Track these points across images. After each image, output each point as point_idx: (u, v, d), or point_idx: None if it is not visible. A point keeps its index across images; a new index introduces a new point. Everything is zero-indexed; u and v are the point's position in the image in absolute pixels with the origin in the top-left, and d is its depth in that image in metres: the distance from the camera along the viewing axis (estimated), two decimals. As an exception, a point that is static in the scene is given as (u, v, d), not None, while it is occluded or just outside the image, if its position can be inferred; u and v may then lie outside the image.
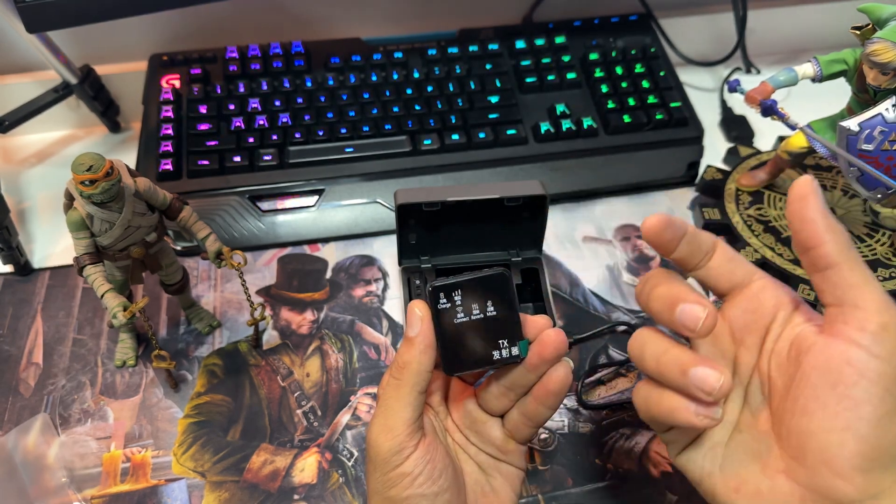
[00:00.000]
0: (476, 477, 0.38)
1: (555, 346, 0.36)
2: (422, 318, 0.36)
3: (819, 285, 0.31)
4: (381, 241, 0.61)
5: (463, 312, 0.36)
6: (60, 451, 0.48)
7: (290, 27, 0.74)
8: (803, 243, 0.32)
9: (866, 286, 0.30)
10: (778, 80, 0.54)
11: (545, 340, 0.36)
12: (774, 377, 0.32)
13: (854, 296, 0.30)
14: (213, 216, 0.59)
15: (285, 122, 0.63)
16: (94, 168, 0.41)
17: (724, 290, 0.35)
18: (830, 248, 0.31)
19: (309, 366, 0.53)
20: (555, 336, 0.36)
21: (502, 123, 0.65)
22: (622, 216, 0.64)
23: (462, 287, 0.36)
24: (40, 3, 0.53)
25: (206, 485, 0.46)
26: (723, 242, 0.35)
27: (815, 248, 0.31)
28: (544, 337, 0.36)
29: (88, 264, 0.45)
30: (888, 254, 0.58)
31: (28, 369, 0.52)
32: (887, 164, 0.51)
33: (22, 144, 0.71)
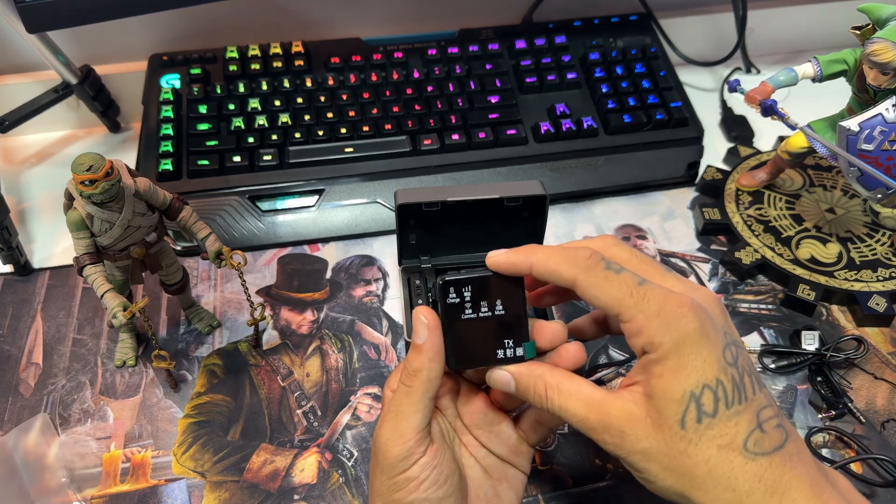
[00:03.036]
0: (481, 482, 0.38)
1: (573, 360, 0.36)
2: (428, 326, 0.36)
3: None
4: (381, 241, 0.61)
5: (471, 309, 0.36)
6: (60, 451, 0.48)
7: (290, 27, 0.74)
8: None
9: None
10: (778, 80, 0.54)
11: (564, 354, 0.36)
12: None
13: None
14: (213, 216, 0.59)
15: (285, 122, 0.63)
16: (94, 168, 0.41)
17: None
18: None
19: (309, 366, 0.53)
20: (574, 350, 0.36)
21: (502, 123, 0.65)
22: (622, 216, 0.64)
23: (473, 283, 0.36)
24: (40, 3, 0.53)
25: (206, 485, 0.46)
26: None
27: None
28: (563, 350, 0.37)
29: (88, 264, 0.45)
30: (888, 254, 0.58)
31: (28, 369, 0.52)
32: (887, 163, 0.51)
33: (22, 144, 0.71)
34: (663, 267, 0.35)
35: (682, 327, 0.30)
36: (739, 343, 0.32)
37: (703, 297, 0.33)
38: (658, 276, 0.34)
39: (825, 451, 0.48)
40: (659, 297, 0.31)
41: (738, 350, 0.32)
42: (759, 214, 0.61)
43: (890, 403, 0.51)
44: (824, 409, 0.50)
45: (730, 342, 0.31)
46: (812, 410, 0.50)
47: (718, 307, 0.33)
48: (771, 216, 0.61)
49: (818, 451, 0.48)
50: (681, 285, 0.33)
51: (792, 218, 0.61)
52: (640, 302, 0.31)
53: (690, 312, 0.30)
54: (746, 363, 0.32)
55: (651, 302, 0.31)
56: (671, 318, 0.30)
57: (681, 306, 0.31)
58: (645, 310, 0.31)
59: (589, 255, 0.33)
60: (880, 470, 0.47)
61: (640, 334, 0.31)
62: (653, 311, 0.31)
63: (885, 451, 0.47)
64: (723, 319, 0.33)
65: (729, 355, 0.31)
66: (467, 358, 0.37)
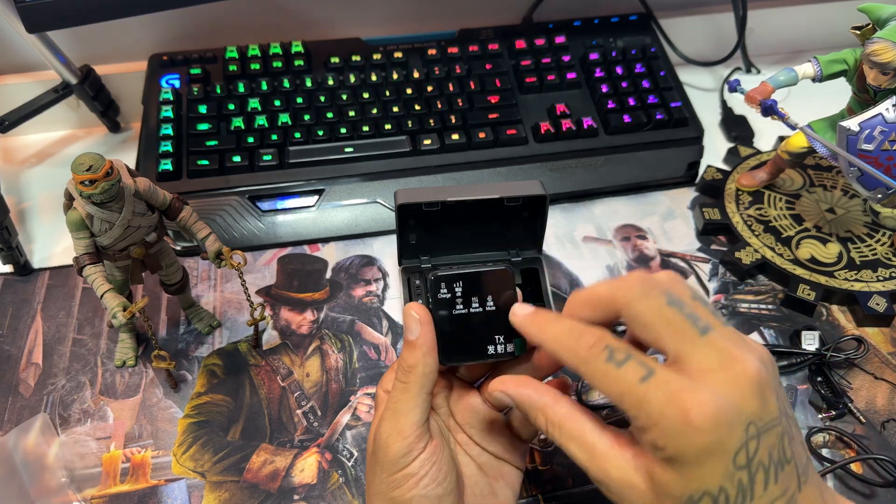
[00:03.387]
0: (476, 479, 0.38)
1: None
2: (420, 321, 0.36)
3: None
4: (381, 241, 0.61)
5: (462, 304, 0.36)
6: (60, 451, 0.48)
7: (290, 27, 0.74)
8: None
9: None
10: (778, 80, 0.54)
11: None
12: None
13: None
14: (213, 216, 0.59)
15: (285, 122, 0.63)
16: (94, 168, 0.41)
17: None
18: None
19: (309, 366, 0.53)
20: None
21: (502, 123, 0.65)
22: (622, 216, 0.63)
23: (464, 279, 0.36)
24: (40, 3, 0.53)
25: (205, 485, 0.46)
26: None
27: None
28: None
29: (88, 264, 0.45)
30: (888, 254, 0.58)
31: (28, 369, 0.52)
32: (887, 163, 0.51)
33: (22, 144, 0.71)
34: (717, 317, 0.31)
35: (685, 439, 0.27)
36: (771, 424, 0.28)
37: (734, 378, 0.28)
38: (703, 332, 0.30)
39: (825, 451, 0.48)
40: (661, 399, 0.28)
41: (761, 441, 0.28)
42: (759, 214, 0.61)
43: (890, 403, 0.51)
44: (824, 409, 0.50)
45: (751, 436, 0.27)
46: (812, 410, 0.50)
47: (753, 388, 0.28)
48: (771, 216, 0.61)
49: (818, 451, 0.48)
50: (716, 354, 0.29)
51: (792, 218, 0.61)
52: (641, 402, 0.28)
53: (697, 421, 0.27)
54: (766, 454, 0.28)
55: (653, 403, 0.28)
56: (673, 426, 0.27)
57: (685, 412, 0.27)
58: (647, 411, 0.28)
59: (592, 343, 0.30)
60: (880, 470, 0.47)
61: (644, 433, 0.29)
62: (654, 414, 0.28)
63: (885, 451, 0.47)
64: (755, 403, 0.28)
65: (742, 458, 0.27)
66: (458, 353, 0.37)
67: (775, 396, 0.29)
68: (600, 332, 0.31)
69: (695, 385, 0.28)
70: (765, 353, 0.30)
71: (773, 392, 0.29)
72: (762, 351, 0.30)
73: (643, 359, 0.30)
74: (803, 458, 0.30)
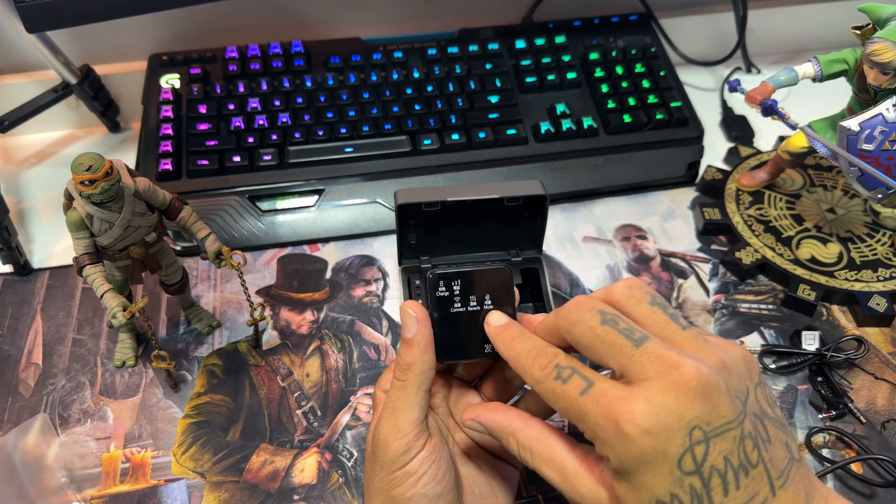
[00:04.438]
0: (475, 478, 0.38)
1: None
2: (417, 319, 0.36)
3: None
4: (381, 241, 0.61)
5: (460, 303, 0.37)
6: (60, 452, 0.48)
7: (289, 27, 0.74)
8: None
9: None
10: (778, 80, 0.54)
11: (532, 323, 0.37)
12: None
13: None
14: (213, 216, 0.59)
15: (285, 121, 0.63)
16: (94, 168, 0.41)
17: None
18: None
19: (309, 366, 0.53)
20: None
21: (502, 123, 0.65)
22: (622, 216, 0.63)
23: (462, 278, 0.36)
24: (40, 3, 0.53)
25: (205, 485, 0.46)
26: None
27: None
28: (532, 320, 0.37)
29: (88, 264, 0.44)
30: (888, 254, 0.58)
31: (28, 369, 0.52)
32: (888, 163, 0.51)
33: (22, 144, 0.71)
34: (674, 322, 0.31)
35: (622, 448, 0.28)
36: (721, 429, 0.27)
37: (676, 383, 0.28)
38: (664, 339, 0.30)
39: (825, 451, 0.48)
40: (597, 411, 0.29)
41: (710, 445, 0.27)
42: (759, 214, 0.61)
43: (890, 403, 0.51)
44: (825, 410, 0.50)
45: (696, 441, 0.27)
46: (812, 410, 0.50)
47: (693, 388, 0.28)
48: (771, 216, 0.61)
49: (818, 451, 0.48)
50: (652, 362, 0.29)
51: (792, 218, 0.61)
52: (581, 415, 0.29)
53: (626, 428, 0.27)
54: (724, 458, 0.27)
55: (590, 415, 0.29)
56: (609, 436, 0.28)
57: (616, 422, 0.28)
58: (587, 424, 0.29)
59: (545, 364, 0.31)
60: (881, 470, 0.47)
61: (594, 446, 0.30)
62: (592, 425, 0.29)
63: (885, 452, 0.47)
64: (697, 406, 0.27)
65: (689, 463, 0.27)
66: (455, 351, 0.37)
67: (730, 399, 0.28)
68: (553, 351, 0.32)
69: (630, 394, 0.28)
70: (729, 355, 0.30)
71: (727, 395, 0.28)
72: (730, 352, 0.30)
73: (587, 373, 0.30)
74: (782, 461, 0.29)
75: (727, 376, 0.29)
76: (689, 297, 0.57)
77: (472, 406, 0.36)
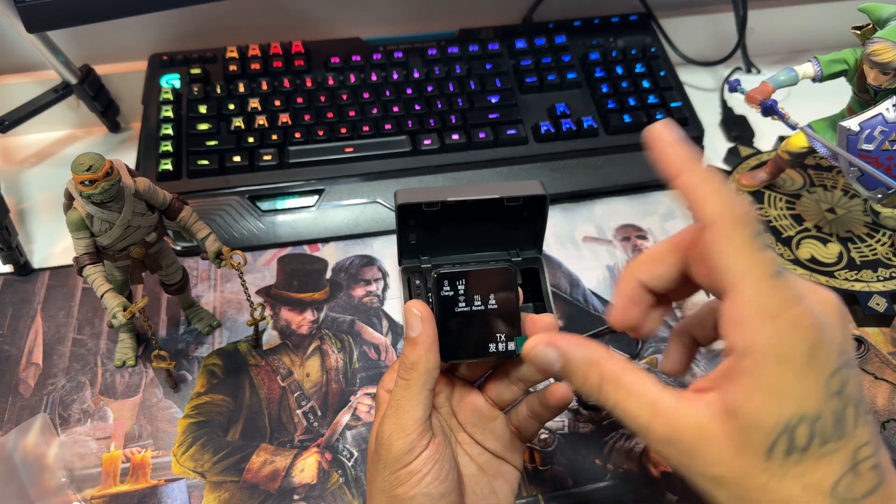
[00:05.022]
0: (476, 478, 0.38)
1: (544, 328, 0.37)
2: (422, 318, 0.36)
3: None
4: (381, 241, 0.61)
5: (465, 302, 0.37)
6: (60, 452, 0.48)
7: (290, 27, 0.74)
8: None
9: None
10: (778, 80, 0.54)
11: (537, 322, 0.37)
12: None
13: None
14: (213, 216, 0.59)
15: (285, 122, 0.63)
16: (94, 168, 0.41)
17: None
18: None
19: (309, 366, 0.53)
20: (547, 319, 0.37)
21: (502, 123, 0.65)
22: (622, 216, 0.63)
23: (467, 277, 0.36)
24: (40, 3, 0.53)
25: (205, 485, 0.46)
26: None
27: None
28: (536, 319, 0.37)
29: (88, 264, 0.45)
30: (888, 254, 0.58)
31: (28, 369, 0.52)
32: (887, 163, 0.51)
33: (22, 144, 0.71)
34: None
35: (795, 342, 0.25)
36: (852, 362, 0.27)
37: (822, 302, 0.28)
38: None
39: (825, 451, 0.48)
40: (784, 299, 0.26)
41: (849, 374, 0.26)
42: (759, 214, 0.61)
43: (890, 403, 0.51)
44: (825, 410, 0.50)
45: (841, 365, 0.26)
46: (812, 410, 0.50)
47: (838, 318, 0.28)
48: (771, 216, 0.61)
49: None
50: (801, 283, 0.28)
51: (792, 218, 0.61)
52: (763, 293, 0.26)
53: (812, 328, 0.25)
54: (855, 390, 0.26)
55: (775, 299, 0.26)
56: (787, 327, 0.25)
57: (804, 318, 0.25)
58: (763, 304, 0.26)
59: (746, 210, 0.27)
60: (881, 470, 0.47)
61: (740, 329, 0.26)
62: (770, 309, 0.25)
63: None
64: (840, 335, 0.27)
65: (836, 383, 0.26)
66: (460, 351, 0.37)
67: (851, 338, 0.28)
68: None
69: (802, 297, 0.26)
70: (829, 299, 0.29)
71: (847, 336, 0.28)
72: (825, 294, 0.30)
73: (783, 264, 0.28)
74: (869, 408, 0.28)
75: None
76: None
77: (541, 334, 0.33)
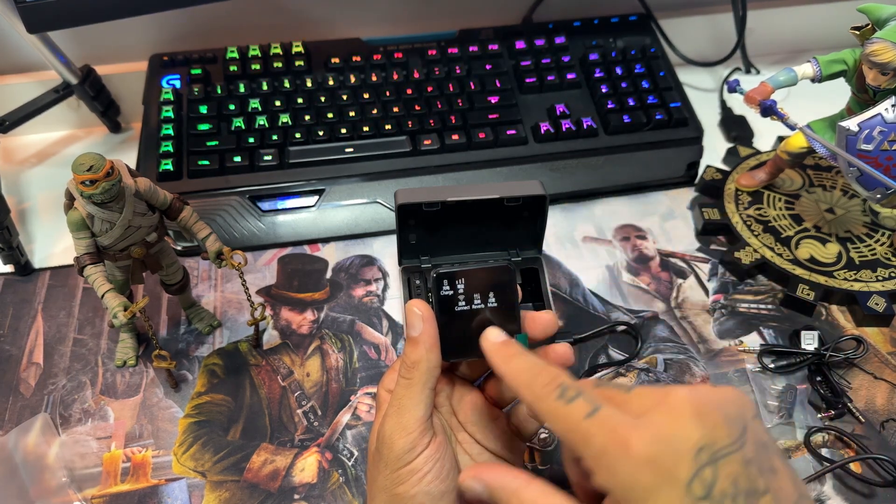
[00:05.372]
0: None
1: (561, 361, 0.37)
2: (423, 317, 0.36)
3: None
4: (381, 241, 0.61)
5: (464, 301, 0.37)
6: (61, 451, 0.48)
7: (290, 27, 0.74)
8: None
9: None
10: (777, 81, 0.54)
11: (552, 355, 0.37)
12: None
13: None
14: (214, 216, 0.60)
15: (285, 122, 0.64)
16: (95, 168, 0.41)
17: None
18: None
19: (309, 365, 0.53)
20: (562, 351, 0.37)
21: (502, 124, 0.65)
22: (622, 216, 0.64)
23: (466, 276, 0.36)
24: (41, 4, 0.54)
25: (206, 484, 0.46)
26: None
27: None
28: (550, 351, 0.37)
29: (89, 264, 0.45)
30: (888, 254, 0.58)
31: (28, 369, 0.52)
32: (886, 164, 0.51)
33: (22, 144, 0.71)
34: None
35: (629, 473, 0.27)
36: (723, 452, 0.27)
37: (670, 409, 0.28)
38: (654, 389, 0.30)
39: (825, 450, 0.48)
40: (604, 434, 0.28)
41: (719, 468, 0.26)
42: (758, 214, 0.61)
43: (889, 403, 0.51)
44: (824, 409, 0.50)
45: (704, 464, 0.26)
46: (812, 410, 0.50)
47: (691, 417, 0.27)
48: (770, 216, 0.61)
49: (818, 451, 0.48)
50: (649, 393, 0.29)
51: (791, 218, 0.61)
52: (585, 439, 0.28)
53: (637, 449, 0.27)
54: (734, 482, 0.26)
55: (595, 439, 0.28)
56: (617, 461, 0.27)
57: (625, 444, 0.27)
58: (591, 449, 0.28)
59: (547, 381, 0.31)
60: (880, 470, 0.47)
61: (593, 475, 0.28)
62: (596, 451, 0.27)
63: (884, 451, 0.47)
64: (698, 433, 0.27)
65: (699, 488, 0.26)
66: (460, 350, 0.37)
67: (727, 421, 0.28)
68: (557, 371, 0.31)
69: (637, 422, 0.28)
70: (720, 389, 0.30)
71: (724, 417, 0.28)
72: (722, 389, 0.30)
73: (594, 397, 0.29)
74: (791, 495, 0.28)
75: (720, 401, 0.29)
76: (689, 297, 0.57)
77: (473, 465, 0.35)
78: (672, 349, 0.54)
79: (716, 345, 0.54)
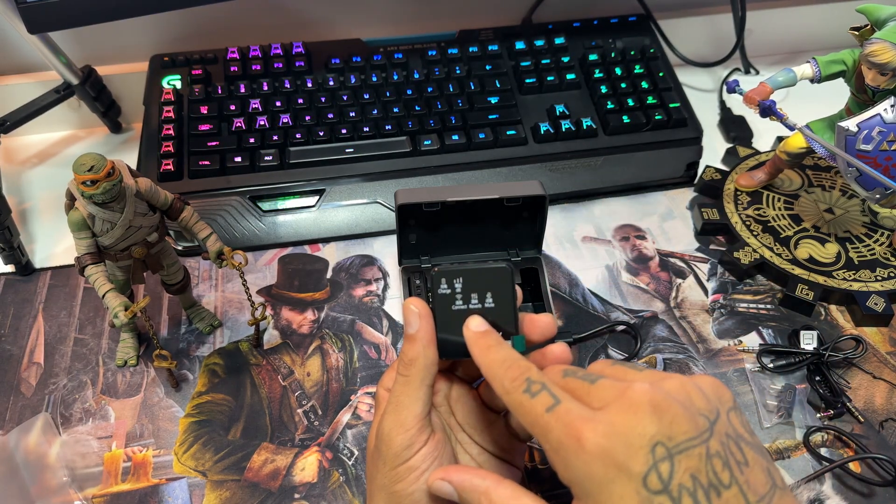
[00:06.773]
0: None
1: (558, 361, 0.37)
2: (420, 315, 0.37)
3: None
4: (381, 241, 0.61)
5: (462, 300, 0.37)
6: (62, 451, 0.48)
7: (290, 28, 0.74)
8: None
9: None
10: (776, 81, 0.54)
11: (549, 356, 0.37)
12: None
13: None
14: (215, 216, 0.60)
15: (286, 122, 0.64)
16: (96, 168, 0.41)
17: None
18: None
19: (309, 365, 0.53)
20: (559, 351, 0.37)
21: (502, 124, 0.65)
22: (621, 216, 0.64)
23: (464, 276, 0.37)
24: (42, 4, 0.54)
25: (207, 484, 0.47)
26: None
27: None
28: (548, 352, 0.37)
29: (90, 264, 0.45)
30: (886, 254, 0.58)
31: (29, 369, 0.52)
32: (885, 164, 0.51)
33: (23, 145, 0.71)
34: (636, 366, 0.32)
35: (584, 467, 0.27)
36: (684, 445, 0.27)
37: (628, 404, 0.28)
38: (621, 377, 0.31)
39: (824, 450, 0.48)
40: (560, 428, 0.28)
41: (675, 462, 0.27)
42: (757, 214, 0.62)
43: (888, 403, 0.51)
44: (823, 409, 0.50)
45: (660, 458, 0.27)
46: (811, 410, 0.51)
47: (649, 412, 0.28)
48: (770, 216, 0.61)
49: (817, 451, 0.48)
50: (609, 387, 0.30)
51: (790, 218, 0.61)
52: (545, 432, 0.29)
53: (589, 445, 0.27)
54: (692, 477, 0.26)
55: (552, 434, 0.28)
56: (571, 455, 0.27)
57: (579, 439, 0.27)
58: (549, 443, 0.29)
59: (516, 376, 0.31)
60: (879, 469, 0.47)
61: (554, 468, 0.29)
62: (554, 444, 0.28)
63: (883, 451, 0.47)
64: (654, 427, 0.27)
65: (655, 482, 0.26)
66: (457, 349, 0.37)
67: (689, 416, 0.28)
68: (526, 365, 0.32)
69: (593, 416, 0.28)
70: (694, 380, 0.30)
71: (685, 411, 0.28)
72: (697, 379, 0.30)
73: (555, 390, 0.30)
74: (762, 486, 0.28)
75: (685, 395, 0.29)
76: (688, 297, 0.57)
77: (439, 468, 0.35)
78: (671, 349, 0.54)
79: (715, 344, 0.54)
